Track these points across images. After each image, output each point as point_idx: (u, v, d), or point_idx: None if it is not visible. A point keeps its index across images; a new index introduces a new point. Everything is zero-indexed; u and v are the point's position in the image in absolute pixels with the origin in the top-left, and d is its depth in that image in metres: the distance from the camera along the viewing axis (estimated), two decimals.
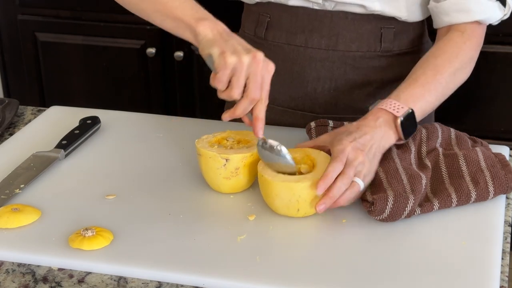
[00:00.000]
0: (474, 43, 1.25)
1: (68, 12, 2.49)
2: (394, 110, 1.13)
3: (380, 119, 1.12)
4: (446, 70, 1.20)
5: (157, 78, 2.50)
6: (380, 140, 1.10)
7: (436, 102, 1.20)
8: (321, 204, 1.03)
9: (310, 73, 1.34)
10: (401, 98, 1.15)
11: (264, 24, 1.36)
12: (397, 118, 1.12)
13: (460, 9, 1.24)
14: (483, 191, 1.08)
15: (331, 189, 1.03)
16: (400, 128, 1.12)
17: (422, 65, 1.22)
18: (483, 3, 1.24)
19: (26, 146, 1.27)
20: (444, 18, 1.26)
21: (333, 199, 1.04)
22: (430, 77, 1.19)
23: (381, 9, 1.28)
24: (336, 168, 1.04)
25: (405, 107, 1.13)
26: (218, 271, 0.95)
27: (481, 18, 1.24)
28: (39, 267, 0.98)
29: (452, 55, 1.22)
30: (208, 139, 1.15)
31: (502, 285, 0.94)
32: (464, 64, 1.23)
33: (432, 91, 1.18)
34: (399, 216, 1.04)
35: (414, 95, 1.16)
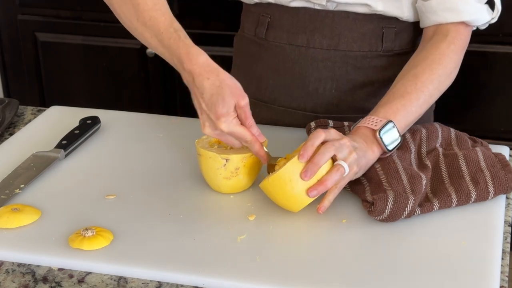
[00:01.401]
0: (458, 46, 1.23)
1: (68, 12, 2.49)
2: (371, 125, 1.13)
3: (361, 135, 1.12)
4: (427, 78, 1.19)
5: (157, 78, 2.50)
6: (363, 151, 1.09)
7: (420, 111, 1.19)
8: (306, 172, 1.03)
9: (311, 73, 1.34)
10: (380, 112, 1.15)
11: (265, 25, 1.36)
12: (376, 131, 1.12)
13: (448, 8, 1.23)
14: (483, 191, 1.08)
15: (315, 157, 1.03)
16: (381, 141, 1.11)
17: (402, 76, 1.21)
18: (471, 4, 1.22)
19: (26, 146, 1.27)
20: (431, 17, 1.25)
21: (317, 165, 1.03)
22: (410, 87, 1.18)
23: (384, 9, 1.28)
24: (317, 134, 1.05)
25: (383, 120, 1.13)
26: (218, 271, 0.95)
27: (469, 19, 1.23)
28: (39, 267, 0.98)
29: (434, 61, 1.21)
30: (208, 139, 1.15)
31: (502, 285, 0.94)
32: (449, 69, 1.22)
33: (413, 101, 1.17)
34: (399, 216, 1.04)
35: (393, 108, 1.16)
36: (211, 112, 1.06)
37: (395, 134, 1.13)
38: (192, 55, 1.08)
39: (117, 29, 2.44)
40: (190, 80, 1.09)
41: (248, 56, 1.41)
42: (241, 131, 1.07)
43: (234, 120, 1.06)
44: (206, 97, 1.06)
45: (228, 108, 1.05)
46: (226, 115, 1.05)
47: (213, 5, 2.27)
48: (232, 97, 1.05)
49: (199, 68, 1.07)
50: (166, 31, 1.12)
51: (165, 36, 1.12)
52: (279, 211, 1.07)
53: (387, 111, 1.15)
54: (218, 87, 1.05)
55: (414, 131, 1.21)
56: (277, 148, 1.17)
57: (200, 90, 1.07)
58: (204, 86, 1.06)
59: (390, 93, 1.19)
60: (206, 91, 1.06)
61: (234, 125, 1.06)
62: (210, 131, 1.08)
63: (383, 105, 1.17)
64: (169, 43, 1.11)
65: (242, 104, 1.06)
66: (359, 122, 1.16)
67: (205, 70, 1.07)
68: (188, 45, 1.09)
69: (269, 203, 1.09)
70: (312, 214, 1.07)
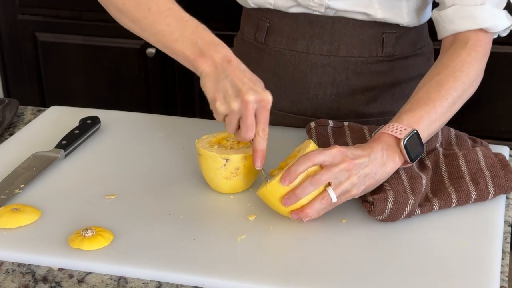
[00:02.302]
0: (479, 53, 1.19)
1: (68, 12, 2.49)
2: (396, 133, 1.08)
3: (383, 143, 1.07)
4: (451, 85, 1.14)
5: (157, 78, 2.50)
6: (379, 164, 1.04)
7: (443, 119, 1.14)
8: (285, 198, 1.01)
9: (311, 78, 1.34)
10: (404, 120, 1.10)
11: (264, 29, 1.36)
12: (400, 140, 1.07)
13: (464, 16, 1.20)
14: (483, 191, 1.08)
15: (297, 187, 1.01)
16: (404, 151, 1.07)
17: (425, 82, 1.16)
18: (488, 10, 1.19)
19: (26, 146, 1.27)
20: (449, 27, 1.22)
21: (297, 197, 1.01)
22: (434, 94, 1.13)
23: (383, 17, 1.28)
24: (302, 162, 1.01)
25: (408, 129, 1.08)
26: (218, 271, 0.95)
27: (487, 25, 1.20)
28: (39, 267, 0.98)
29: (456, 69, 1.16)
30: (208, 139, 1.15)
31: (502, 285, 0.94)
32: (471, 77, 1.17)
33: (437, 109, 1.12)
34: (399, 216, 1.04)
35: (417, 115, 1.11)
36: (256, 85, 1.03)
37: (419, 143, 1.09)
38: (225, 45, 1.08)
39: (117, 29, 2.44)
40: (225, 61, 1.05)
41: (248, 60, 1.40)
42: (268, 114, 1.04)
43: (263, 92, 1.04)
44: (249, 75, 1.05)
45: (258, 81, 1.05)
46: (257, 81, 1.04)
47: (212, 5, 2.27)
48: None
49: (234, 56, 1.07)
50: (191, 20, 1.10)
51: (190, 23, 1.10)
52: None
53: (411, 119, 1.10)
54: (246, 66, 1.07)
55: None
56: (277, 148, 1.17)
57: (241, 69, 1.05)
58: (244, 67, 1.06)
59: (413, 99, 1.14)
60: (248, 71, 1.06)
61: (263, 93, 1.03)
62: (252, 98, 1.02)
63: (407, 111, 1.12)
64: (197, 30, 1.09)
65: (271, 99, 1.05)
66: (381, 128, 1.11)
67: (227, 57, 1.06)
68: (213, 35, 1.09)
69: None
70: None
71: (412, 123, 1.10)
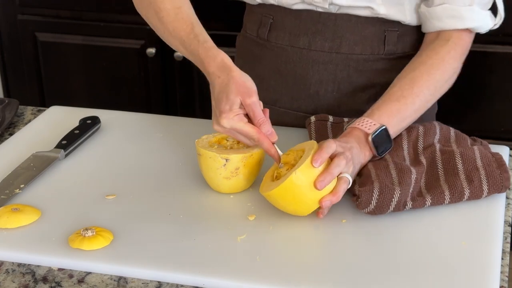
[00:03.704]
0: (458, 52, 1.24)
1: (68, 12, 2.49)
2: (365, 127, 1.14)
3: (354, 137, 1.13)
4: (424, 83, 1.19)
5: (157, 78, 2.50)
6: (358, 154, 1.11)
7: (414, 116, 1.20)
8: (320, 180, 1.02)
9: (312, 75, 1.34)
10: (375, 115, 1.16)
11: (267, 26, 1.36)
12: (369, 135, 1.12)
13: (452, 15, 1.23)
14: (476, 190, 1.09)
15: (330, 166, 1.03)
16: (372, 145, 1.12)
17: (400, 78, 1.21)
18: (476, 11, 1.22)
19: (26, 146, 1.27)
20: (436, 23, 1.25)
21: (332, 176, 1.03)
22: (407, 90, 1.18)
23: (386, 13, 1.28)
24: (330, 144, 1.05)
25: (377, 124, 1.13)
26: (218, 271, 0.95)
27: (473, 26, 1.23)
28: (39, 267, 0.98)
29: (433, 66, 1.21)
30: (208, 139, 1.15)
31: (502, 285, 0.94)
32: (447, 75, 1.22)
33: (408, 106, 1.18)
34: (387, 208, 1.05)
35: (388, 111, 1.16)
36: (217, 109, 1.08)
37: (387, 139, 1.14)
38: (210, 57, 1.12)
39: (117, 29, 2.45)
40: (209, 81, 1.12)
41: (250, 57, 1.41)
42: (244, 128, 1.07)
43: (236, 117, 1.07)
44: (215, 95, 1.09)
45: (231, 105, 1.06)
46: (227, 111, 1.06)
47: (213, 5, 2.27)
48: (237, 95, 1.07)
49: (213, 68, 1.11)
50: (188, 38, 1.17)
51: (187, 43, 1.17)
52: (279, 211, 1.07)
53: (381, 114, 1.16)
54: (226, 85, 1.08)
55: (410, 128, 1.22)
56: (279, 147, 1.17)
57: (212, 88, 1.10)
58: (214, 84, 1.10)
59: (386, 95, 1.20)
60: (216, 88, 1.09)
61: (236, 122, 1.06)
62: (217, 128, 1.09)
63: (379, 107, 1.17)
64: (191, 49, 1.16)
65: (248, 102, 1.07)
66: (353, 122, 1.17)
67: (218, 69, 1.10)
68: (207, 48, 1.14)
69: (269, 203, 1.08)
70: (312, 214, 1.07)
71: (382, 118, 1.15)
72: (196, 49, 1.15)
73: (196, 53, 1.15)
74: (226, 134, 1.11)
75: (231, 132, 1.09)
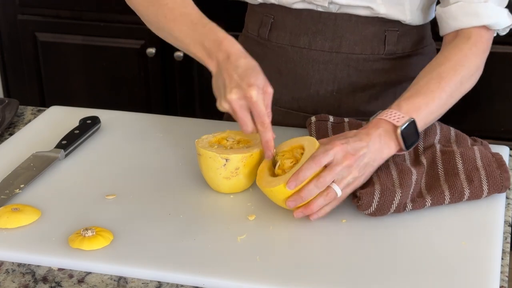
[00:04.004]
0: (480, 49, 1.22)
1: (68, 12, 2.49)
2: (394, 120, 1.10)
3: (380, 129, 1.09)
4: (451, 78, 1.17)
5: (157, 78, 2.50)
6: (377, 151, 1.07)
7: (440, 111, 1.18)
8: (290, 200, 1.02)
9: (313, 75, 1.34)
10: (403, 108, 1.12)
11: (268, 25, 1.36)
12: (397, 128, 1.09)
13: (468, 13, 1.22)
14: (477, 190, 1.09)
15: (301, 190, 1.02)
16: (400, 138, 1.09)
17: (426, 73, 1.19)
18: (491, 8, 1.22)
19: (26, 146, 1.27)
20: (452, 23, 1.24)
21: (302, 199, 1.02)
22: (434, 85, 1.16)
23: (386, 12, 1.28)
24: (309, 167, 1.02)
25: (405, 117, 1.10)
26: (218, 271, 0.95)
27: (489, 22, 1.22)
28: (39, 267, 0.98)
29: (458, 62, 1.20)
30: (208, 139, 1.15)
31: (502, 285, 0.94)
32: (470, 71, 1.21)
33: (436, 100, 1.15)
34: (388, 210, 1.04)
35: (416, 104, 1.13)
36: (243, 81, 1.05)
37: (415, 132, 1.11)
38: (230, 40, 1.11)
39: (117, 29, 2.45)
40: (224, 58, 1.09)
41: (251, 56, 1.40)
42: (263, 108, 1.05)
43: (262, 95, 1.05)
44: (240, 70, 1.07)
45: (260, 82, 1.05)
46: (258, 86, 1.05)
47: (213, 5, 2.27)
48: (265, 79, 1.07)
49: (237, 50, 1.10)
50: (200, 21, 1.15)
51: (199, 26, 1.15)
52: (279, 211, 1.07)
53: (409, 107, 1.12)
54: (254, 66, 1.08)
55: None
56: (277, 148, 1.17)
57: (235, 65, 1.07)
58: (240, 62, 1.08)
59: (413, 88, 1.16)
60: (242, 66, 1.07)
61: (261, 98, 1.05)
62: (234, 97, 1.05)
63: (406, 100, 1.14)
64: (204, 31, 1.13)
65: (269, 91, 1.06)
66: (379, 113, 1.13)
67: (242, 53, 1.10)
68: (224, 32, 1.13)
69: (269, 203, 1.09)
70: None
71: (410, 111, 1.12)
72: (211, 31, 1.13)
73: (212, 33, 1.12)
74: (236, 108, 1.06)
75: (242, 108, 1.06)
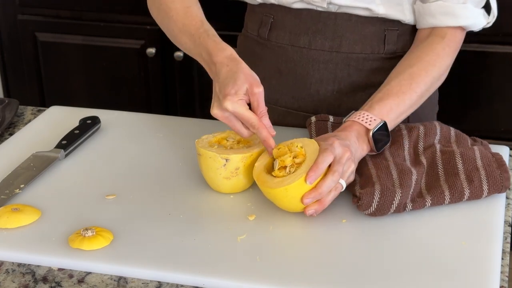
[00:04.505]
0: (452, 48, 1.25)
1: (68, 12, 2.49)
2: (366, 123, 1.13)
3: (354, 131, 1.12)
4: (422, 79, 1.20)
5: (157, 78, 2.50)
6: (356, 149, 1.11)
7: (409, 111, 1.21)
8: (307, 197, 1.02)
9: (313, 74, 1.34)
10: (375, 109, 1.16)
11: (268, 25, 1.36)
12: (369, 131, 1.13)
13: (446, 13, 1.24)
14: (477, 190, 1.09)
15: (320, 185, 1.03)
16: (372, 141, 1.13)
17: (397, 73, 1.22)
18: (470, 9, 1.24)
19: (26, 146, 1.27)
20: (429, 20, 1.26)
21: (320, 194, 1.03)
22: (405, 86, 1.19)
23: (385, 13, 1.28)
24: (326, 158, 1.04)
25: (377, 119, 1.13)
26: (218, 271, 0.95)
27: (466, 24, 1.24)
28: (39, 267, 0.98)
29: (430, 63, 1.22)
30: (208, 139, 1.15)
31: (502, 285, 0.94)
32: (441, 72, 1.23)
33: (406, 101, 1.18)
34: (388, 210, 1.05)
35: (387, 106, 1.17)
36: (220, 93, 1.09)
37: (386, 134, 1.15)
38: (219, 49, 1.14)
39: (117, 29, 2.45)
40: (214, 71, 1.13)
41: (251, 56, 1.41)
42: (246, 113, 1.07)
43: (240, 101, 1.07)
44: (221, 80, 1.10)
45: (237, 90, 1.07)
46: (233, 94, 1.07)
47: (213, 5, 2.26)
48: (245, 82, 1.08)
49: (223, 58, 1.12)
50: (197, 32, 1.19)
51: (196, 36, 1.19)
52: (279, 211, 1.07)
53: (381, 109, 1.16)
54: (234, 72, 1.09)
55: (411, 128, 1.22)
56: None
57: (218, 75, 1.11)
58: (221, 71, 1.11)
59: (384, 89, 1.20)
60: (222, 75, 1.10)
61: (239, 106, 1.07)
62: (216, 111, 1.09)
63: (378, 101, 1.17)
64: (200, 41, 1.17)
65: (255, 91, 1.08)
66: (352, 115, 1.16)
67: (227, 59, 1.12)
68: (217, 42, 1.16)
69: (269, 203, 1.09)
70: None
71: (382, 113, 1.15)
72: (205, 42, 1.16)
73: (205, 45, 1.16)
74: (224, 121, 1.10)
75: (229, 119, 1.09)
